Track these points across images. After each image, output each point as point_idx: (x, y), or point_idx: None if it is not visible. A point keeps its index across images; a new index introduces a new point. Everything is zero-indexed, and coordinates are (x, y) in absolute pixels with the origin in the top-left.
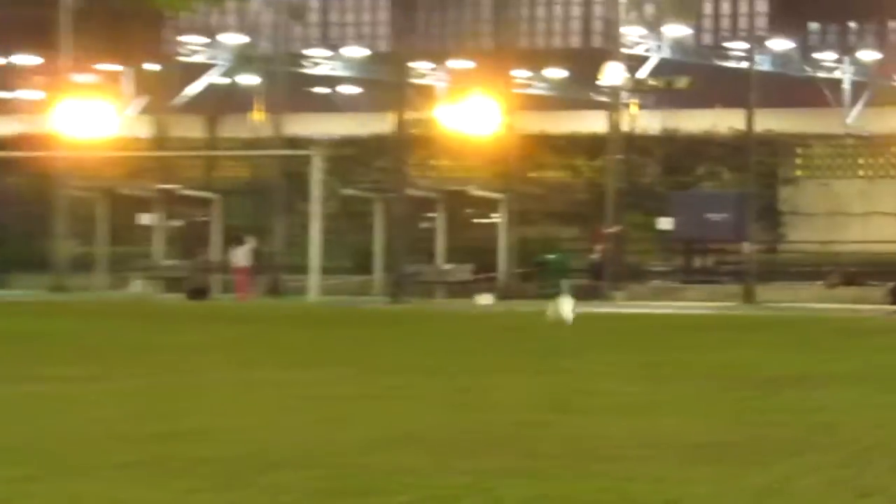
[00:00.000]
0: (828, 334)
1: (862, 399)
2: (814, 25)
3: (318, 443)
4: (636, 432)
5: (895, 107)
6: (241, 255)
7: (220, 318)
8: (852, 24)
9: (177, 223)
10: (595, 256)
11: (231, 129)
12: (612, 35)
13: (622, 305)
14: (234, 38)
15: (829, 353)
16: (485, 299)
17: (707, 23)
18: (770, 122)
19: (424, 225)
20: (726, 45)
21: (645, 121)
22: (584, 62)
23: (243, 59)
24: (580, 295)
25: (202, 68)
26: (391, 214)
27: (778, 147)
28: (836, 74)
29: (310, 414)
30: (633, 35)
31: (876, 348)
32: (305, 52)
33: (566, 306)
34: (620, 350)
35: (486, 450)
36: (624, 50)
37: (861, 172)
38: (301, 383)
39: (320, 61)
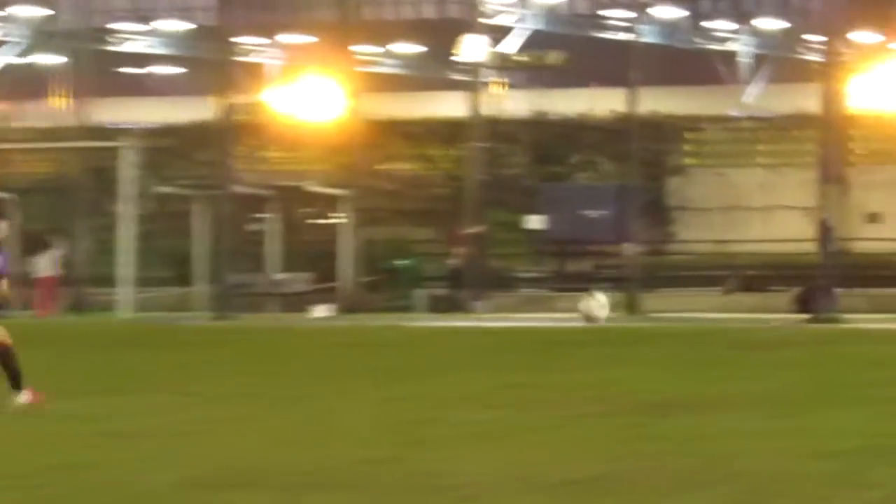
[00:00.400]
0: (723, 349)
1: (761, 425)
2: None
3: (122, 486)
4: (498, 467)
5: (801, 83)
6: (44, 264)
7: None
8: None
9: None
10: (453, 262)
11: (28, 117)
12: (471, 4)
13: (485, 318)
14: (30, 11)
15: (725, 372)
16: (322, 311)
17: None
18: (655, 102)
19: (254, 227)
20: (605, 13)
21: (511, 103)
22: (440, 35)
23: (41, 36)
24: (437, 306)
25: None
26: (215, 215)
27: (665, 131)
28: (732, 46)
29: (116, 452)
30: (496, 4)
31: (777, 365)
32: (113, 26)
33: (601, 307)
34: (482, 370)
35: (329, 490)
36: (486, 21)
37: (761, 160)
38: (106, 416)
39: (131, 37)
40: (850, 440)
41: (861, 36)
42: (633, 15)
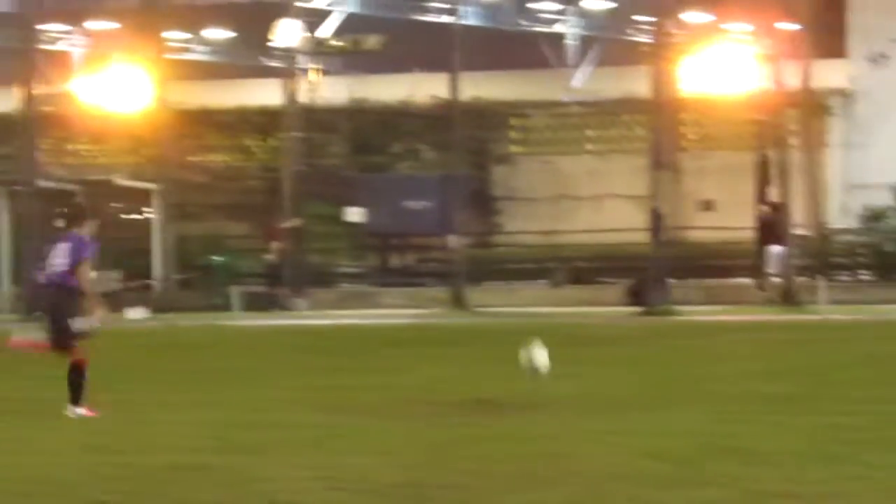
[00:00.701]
0: (554, 346)
1: (595, 424)
2: None
3: None
4: (318, 472)
5: (630, 66)
6: None
7: None
8: None
9: None
10: (271, 257)
11: None
12: None
13: (305, 316)
14: None
15: (556, 369)
16: (136, 313)
17: None
18: (479, 87)
19: (60, 224)
20: None
21: (328, 90)
22: (253, 20)
23: None
24: (254, 304)
25: None
26: (18, 212)
27: (489, 118)
28: (558, 28)
29: None
30: None
31: (610, 361)
32: None
33: (541, 355)
34: (302, 372)
35: (132, 498)
36: (301, 4)
37: (590, 146)
38: None
39: None
40: (684, 439)
41: (692, 17)
42: None
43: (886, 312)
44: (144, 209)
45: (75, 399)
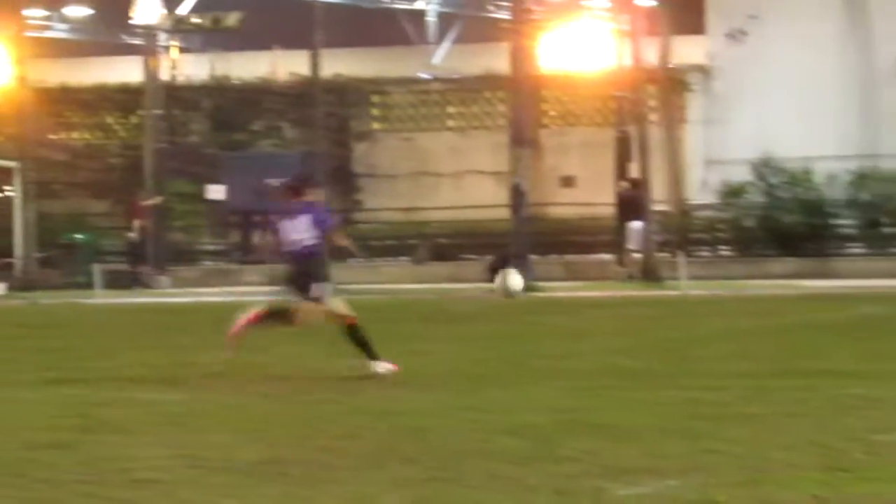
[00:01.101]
0: (415, 322)
1: (454, 400)
2: None
3: None
4: (178, 451)
5: (490, 42)
6: None
7: None
8: None
9: None
10: (133, 235)
11: None
12: None
13: (167, 294)
14: None
15: (416, 346)
16: None
17: None
18: (340, 64)
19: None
20: None
21: (189, 67)
22: None
23: None
24: (117, 282)
25: None
26: None
27: (350, 95)
28: (419, 5)
29: None
30: None
31: (471, 337)
32: None
33: (514, 278)
34: (161, 350)
35: None
36: None
37: (451, 123)
38: None
39: None
40: (544, 415)
41: None
42: None
43: (746, 288)
44: (5, 187)
45: (373, 355)
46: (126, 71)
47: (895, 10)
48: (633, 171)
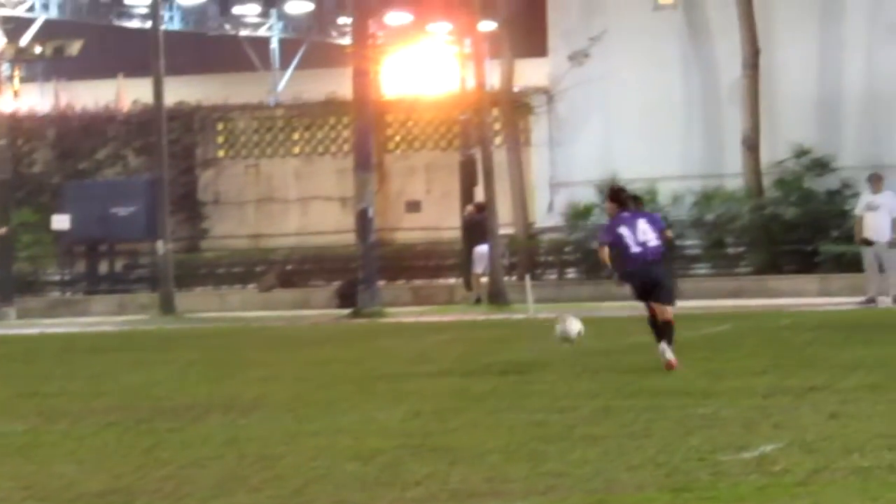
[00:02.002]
0: (260, 349)
1: (300, 426)
2: None
3: None
4: (20, 482)
5: (334, 67)
6: None
7: None
8: None
9: None
10: None
11: None
12: None
13: (13, 325)
14: None
15: (261, 372)
16: None
17: None
18: (184, 91)
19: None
20: (127, 1)
21: (33, 97)
22: None
23: None
24: None
25: None
26: None
27: (195, 122)
28: (262, 32)
29: None
30: None
31: (316, 362)
32: None
33: (573, 323)
34: (3, 381)
35: None
36: (1, 12)
37: (296, 149)
38: None
39: None
40: (388, 439)
41: (392, 17)
42: (154, 1)
43: (592, 309)
44: None
45: (670, 340)
46: None
47: (736, 30)
48: (479, 194)
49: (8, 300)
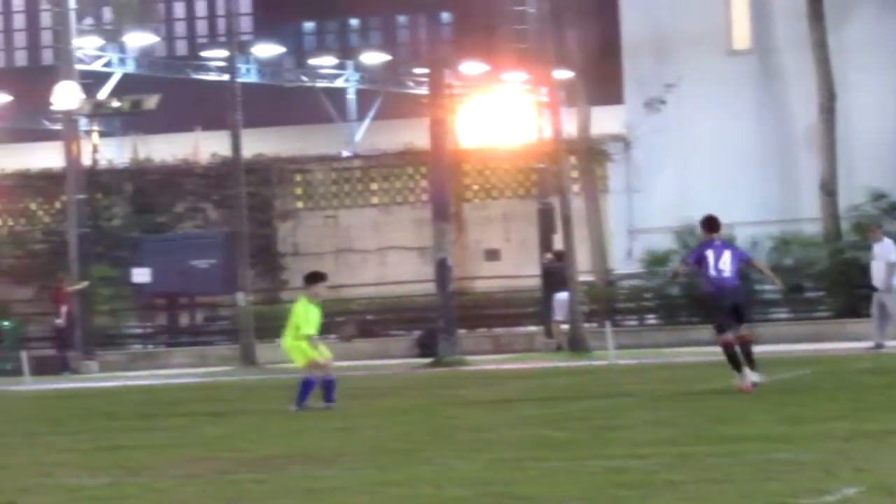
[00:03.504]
0: (342, 399)
1: (378, 476)
2: (308, 25)
3: None
4: None
5: (410, 118)
6: None
7: None
8: (353, 21)
9: None
10: (59, 321)
11: None
12: (63, 49)
13: (95, 378)
14: None
15: (343, 422)
16: None
17: (180, 28)
18: (261, 144)
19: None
20: (204, 54)
21: (111, 151)
22: (33, 83)
23: None
24: (45, 368)
25: None
26: None
27: (272, 174)
28: (338, 83)
29: None
30: (89, 48)
31: (396, 412)
32: None
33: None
34: (87, 435)
35: None
36: (80, 67)
37: (374, 199)
38: None
39: None
40: (468, 488)
41: (468, 67)
42: (231, 54)
43: (671, 355)
44: None
45: (751, 364)
46: (48, 156)
47: (811, 75)
48: (557, 242)
49: (89, 353)
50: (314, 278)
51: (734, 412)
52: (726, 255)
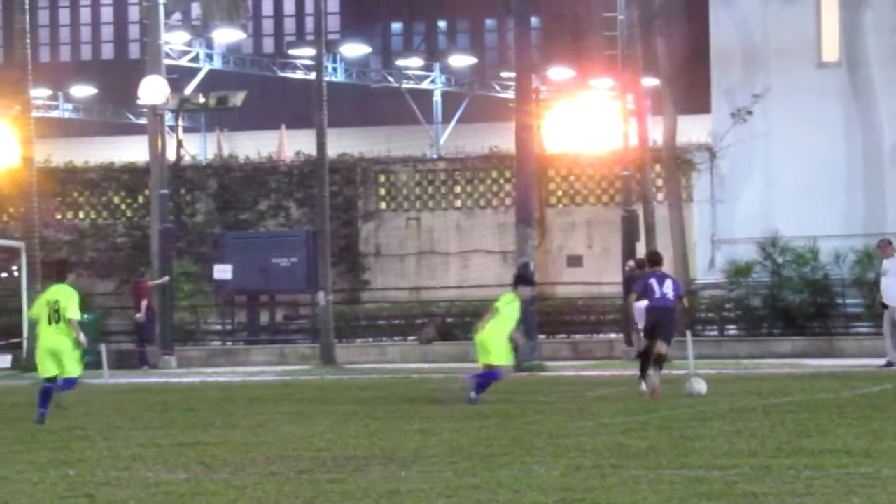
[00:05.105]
0: (418, 401)
1: (457, 480)
2: (396, 26)
3: None
4: None
5: (496, 121)
6: None
7: None
8: (441, 24)
9: None
10: (139, 315)
11: None
12: (150, 43)
13: (174, 374)
14: None
15: (423, 425)
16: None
17: (267, 26)
18: (346, 143)
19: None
20: (291, 52)
21: (195, 146)
22: (118, 77)
23: None
24: (124, 362)
25: None
26: None
27: (356, 174)
28: (425, 85)
29: None
30: (177, 43)
31: (478, 416)
32: None
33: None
34: (165, 430)
35: None
36: (167, 62)
37: (457, 202)
38: None
39: None
40: (549, 494)
41: (556, 73)
42: (318, 53)
43: (752, 367)
44: (12, 267)
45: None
46: (132, 150)
47: None
48: (640, 249)
49: (169, 349)
50: (522, 280)
51: (816, 425)
52: (668, 283)
